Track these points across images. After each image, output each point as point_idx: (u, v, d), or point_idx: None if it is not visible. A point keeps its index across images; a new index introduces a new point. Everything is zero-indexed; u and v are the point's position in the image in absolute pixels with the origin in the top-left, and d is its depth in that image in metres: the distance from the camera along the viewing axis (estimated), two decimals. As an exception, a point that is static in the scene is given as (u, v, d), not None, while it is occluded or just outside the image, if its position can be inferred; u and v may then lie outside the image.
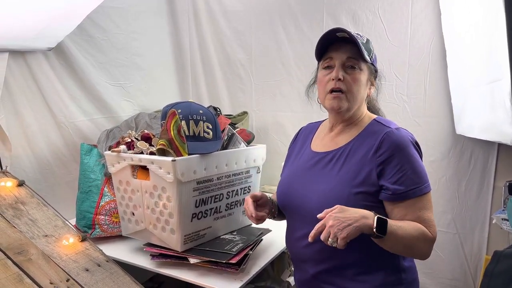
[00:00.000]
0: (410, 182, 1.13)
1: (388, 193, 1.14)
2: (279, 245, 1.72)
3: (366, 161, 1.17)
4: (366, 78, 1.24)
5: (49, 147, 1.98)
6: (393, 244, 1.09)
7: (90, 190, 1.82)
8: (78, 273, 1.35)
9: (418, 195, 1.14)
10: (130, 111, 2.32)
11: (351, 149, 1.23)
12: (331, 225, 1.01)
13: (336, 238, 1.00)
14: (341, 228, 1.00)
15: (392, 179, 1.14)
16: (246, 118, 2.35)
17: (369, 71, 1.25)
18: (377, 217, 1.05)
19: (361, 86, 1.22)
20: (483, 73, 1.56)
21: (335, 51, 1.22)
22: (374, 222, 1.04)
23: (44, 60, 1.92)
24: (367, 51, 1.21)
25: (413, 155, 1.16)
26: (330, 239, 1.00)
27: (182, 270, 1.54)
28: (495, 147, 1.91)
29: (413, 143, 1.19)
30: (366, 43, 1.24)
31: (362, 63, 1.22)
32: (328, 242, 1.01)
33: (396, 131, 1.18)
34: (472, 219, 2.01)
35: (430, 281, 2.13)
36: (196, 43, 2.65)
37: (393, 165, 1.14)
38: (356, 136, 1.25)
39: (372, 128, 1.24)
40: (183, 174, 1.46)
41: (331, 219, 1.02)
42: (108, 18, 2.18)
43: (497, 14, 1.34)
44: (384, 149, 1.15)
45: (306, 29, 2.30)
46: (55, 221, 1.55)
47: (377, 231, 1.03)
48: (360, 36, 1.24)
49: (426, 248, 1.15)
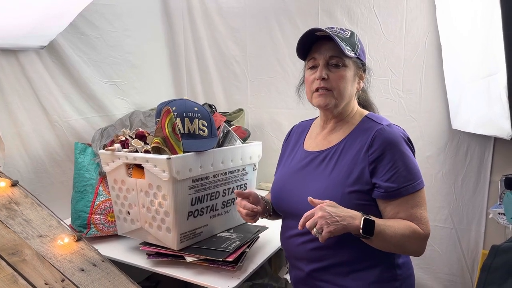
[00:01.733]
0: (402, 180, 1.13)
1: (381, 191, 1.14)
2: (276, 242, 1.70)
3: (359, 160, 1.17)
4: (353, 74, 1.23)
5: (43, 146, 1.96)
6: (382, 243, 1.10)
7: (85, 189, 1.80)
8: (74, 273, 1.33)
9: (410, 192, 1.14)
10: (125, 109, 2.30)
11: (343, 148, 1.22)
12: (320, 216, 1.02)
13: (321, 230, 1.01)
14: (329, 222, 1.01)
15: (384, 177, 1.13)
16: (241, 115, 2.34)
17: (355, 65, 1.24)
18: (364, 218, 1.05)
19: (347, 82, 1.21)
20: (478, 67, 1.56)
21: (317, 50, 1.22)
22: (361, 223, 1.04)
23: (37, 59, 1.90)
24: (351, 46, 1.20)
25: (405, 152, 1.15)
26: (315, 229, 1.02)
27: (178, 268, 1.53)
28: (491, 141, 1.91)
29: (405, 139, 1.18)
30: (350, 37, 1.23)
31: (347, 60, 1.20)
32: (313, 231, 1.02)
33: (387, 127, 1.18)
34: (469, 213, 2.02)
35: (428, 276, 2.13)
36: (190, 40, 2.64)
37: (385, 162, 1.13)
38: (348, 134, 1.24)
39: (364, 125, 1.23)
40: (178, 172, 1.45)
41: (321, 211, 1.03)
42: (101, 16, 2.15)
43: (492, 7, 1.33)
44: (376, 146, 1.15)
45: (301, 25, 2.29)
46: (50, 221, 1.54)
47: (363, 232, 1.04)
48: (343, 31, 1.23)
49: (418, 246, 1.15)
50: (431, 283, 2.13)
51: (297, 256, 1.29)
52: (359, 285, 1.20)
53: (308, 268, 1.25)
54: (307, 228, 1.04)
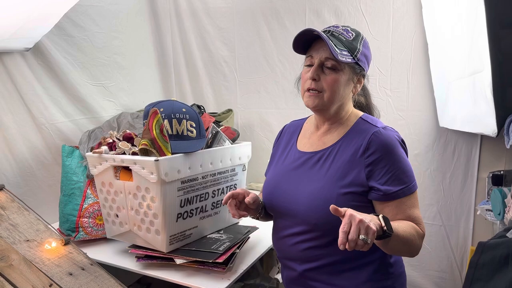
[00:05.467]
0: (399, 182, 1.13)
1: (379, 193, 1.14)
2: (267, 242, 1.71)
3: (354, 162, 1.16)
4: (347, 78, 1.20)
5: (29, 150, 1.93)
6: (396, 243, 1.05)
7: (72, 192, 1.78)
8: (62, 277, 1.32)
9: (407, 194, 1.14)
10: (113, 111, 2.28)
11: (339, 149, 1.21)
12: (359, 220, 0.93)
13: (366, 234, 0.93)
14: (369, 224, 0.94)
15: (381, 180, 1.13)
16: (231, 116, 2.34)
17: (351, 70, 1.20)
18: (381, 216, 1.01)
19: (339, 86, 1.19)
20: (464, 65, 1.57)
21: (316, 49, 1.20)
22: (381, 221, 0.99)
23: (22, 61, 1.87)
24: (350, 50, 1.18)
25: (401, 155, 1.16)
26: (362, 236, 0.92)
27: (168, 271, 1.52)
28: (478, 139, 1.93)
29: (400, 142, 1.19)
30: (353, 40, 1.20)
31: (344, 65, 1.18)
32: (360, 238, 0.92)
33: (383, 130, 1.18)
34: (457, 210, 2.03)
35: (417, 274, 2.15)
36: (178, 41, 2.63)
37: (382, 166, 1.14)
38: (343, 135, 1.23)
39: (359, 127, 1.22)
40: (166, 174, 1.44)
41: (354, 217, 0.94)
42: (87, 17, 2.13)
43: (476, 6, 1.34)
44: (373, 150, 1.15)
45: (289, 25, 2.30)
46: (37, 225, 1.52)
47: (387, 230, 0.98)
48: (347, 32, 1.20)
49: (420, 245, 1.15)
50: (421, 281, 2.15)
51: (289, 256, 1.28)
52: (352, 284, 1.20)
53: (301, 268, 1.25)
54: (350, 241, 0.92)
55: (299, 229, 1.22)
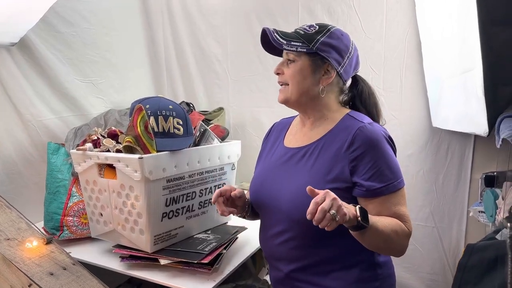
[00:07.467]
0: (384, 178, 1.11)
1: (362, 189, 1.12)
2: (255, 243, 1.67)
3: (339, 157, 1.15)
4: (309, 69, 1.20)
5: (15, 147, 1.90)
6: (374, 238, 1.05)
7: (57, 190, 1.75)
8: (42, 277, 1.29)
9: (392, 191, 1.12)
10: (102, 108, 2.24)
11: (324, 144, 1.20)
12: (335, 198, 0.94)
13: (337, 211, 0.93)
14: (342, 205, 0.95)
15: (365, 176, 1.11)
16: (222, 114, 2.31)
17: (311, 60, 1.20)
18: (358, 207, 1.00)
19: (300, 77, 1.21)
20: (456, 63, 1.54)
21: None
22: (356, 212, 0.99)
23: (8, 56, 1.83)
24: (308, 41, 1.18)
25: (387, 150, 1.14)
26: (332, 211, 0.92)
27: (153, 271, 1.49)
28: (471, 139, 1.90)
29: (386, 137, 1.17)
30: (315, 32, 1.20)
31: (299, 55, 1.20)
32: (330, 212, 0.92)
33: (368, 126, 1.16)
34: (450, 212, 2.01)
35: (409, 276, 2.12)
36: (170, 38, 2.59)
37: (366, 161, 1.12)
38: (329, 131, 1.22)
39: (345, 123, 1.21)
40: (151, 172, 1.40)
41: (332, 193, 0.95)
42: (77, 13, 2.09)
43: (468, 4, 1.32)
44: (357, 145, 1.13)
45: (282, 23, 2.26)
46: (19, 224, 1.49)
47: (362, 220, 0.98)
48: (311, 27, 1.22)
49: (404, 244, 1.13)
50: (413, 282, 2.12)
51: (276, 256, 1.26)
52: (339, 285, 1.18)
53: (287, 269, 1.23)
54: (320, 211, 0.92)
55: (283, 227, 1.20)
